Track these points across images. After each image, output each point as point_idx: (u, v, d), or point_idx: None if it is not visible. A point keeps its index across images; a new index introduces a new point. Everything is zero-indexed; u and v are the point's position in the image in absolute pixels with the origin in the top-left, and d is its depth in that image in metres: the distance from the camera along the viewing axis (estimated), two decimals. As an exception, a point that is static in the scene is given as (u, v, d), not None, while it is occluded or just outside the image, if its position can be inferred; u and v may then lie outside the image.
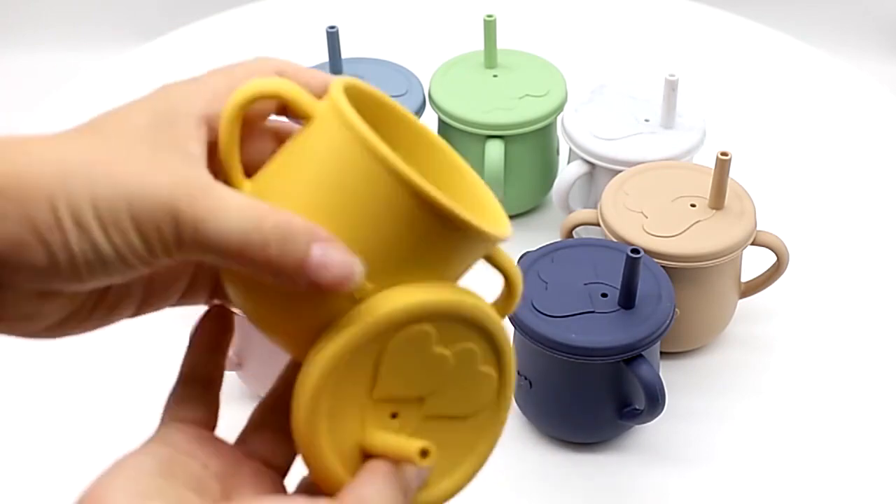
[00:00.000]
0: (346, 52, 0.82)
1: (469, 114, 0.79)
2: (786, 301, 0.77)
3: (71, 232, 0.32)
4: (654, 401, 0.61)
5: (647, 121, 0.79)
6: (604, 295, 0.63)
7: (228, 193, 0.34)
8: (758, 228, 0.70)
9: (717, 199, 0.69)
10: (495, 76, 0.83)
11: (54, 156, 0.32)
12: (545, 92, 0.81)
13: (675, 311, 0.63)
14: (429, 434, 0.38)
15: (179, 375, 0.40)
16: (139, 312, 0.40)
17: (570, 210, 0.79)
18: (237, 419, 0.69)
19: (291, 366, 0.41)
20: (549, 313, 0.62)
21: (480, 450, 0.39)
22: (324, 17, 1.06)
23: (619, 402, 0.64)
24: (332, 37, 0.80)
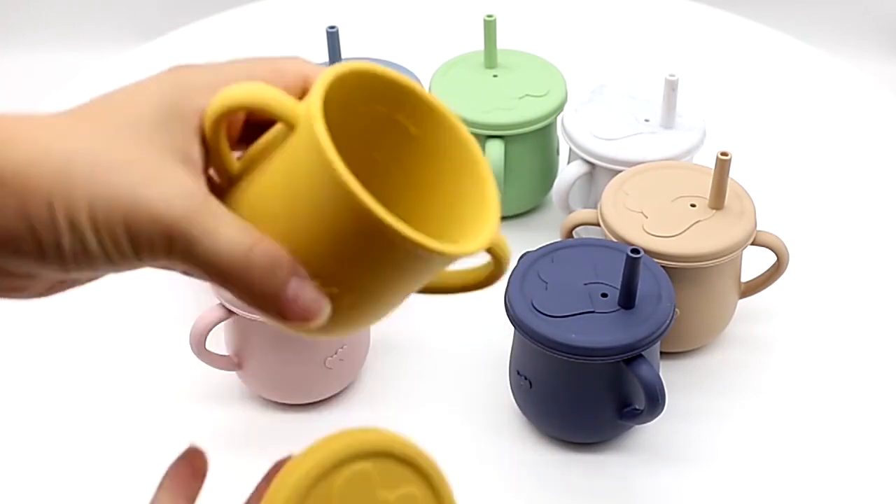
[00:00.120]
0: (346, 52, 0.82)
1: (469, 114, 0.79)
2: (786, 301, 0.77)
3: (64, 233, 0.33)
4: (654, 401, 0.61)
5: (647, 121, 0.79)
6: (604, 295, 0.63)
7: (222, 214, 0.35)
8: (758, 228, 0.70)
9: (717, 199, 0.69)
10: (495, 76, 0.83)
11: (60, 152, 0.33)
12: (545, 92, 0.81)
13: (675, 311, 0.63)
14: None
15: None
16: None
17: (570, 210, 0.79)
18: (237, 419, 0.70)
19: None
20: (549, 313, 0.62)
21: None
22: (324, 17, 1.06)
23: (619, 402, 0.64)
24: (332, 37, 0.80)
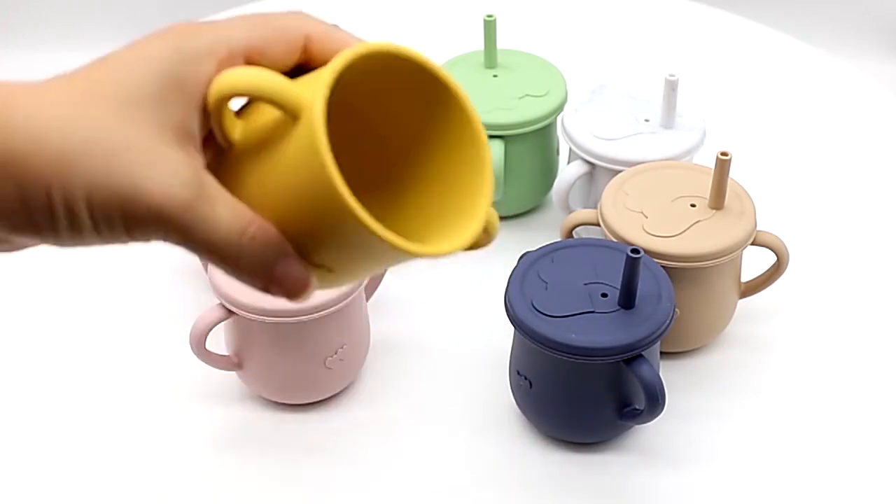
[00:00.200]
0: (345, 52, 0.82)
1: (469, 114, 0.79)
2: (786, 301, 0.77)
3: (61, 218, 0.34)
4: (654, 401, 0.61)
5: (647, 121, 0.79)
6: (604, 295, 0.63)
7: (217, 197, 0.35)
8: (758, 228, 0.70)
9: (717, 199, 0.69)
10: (495, 76, 0.83)
11: (58, 139, 0.33)
12: (545, 92, 0.81)
13: (675, 311, 0.63)
14: None
15: None
16: None
17: (570, 210, 0.79)
18: (237, 419, 0.70)
19: None
20: (549, 313, 0.62)
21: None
22: (323, 17, 1.06)
23: (619, 402, 0.64)
24: (332, 37, 0.80)
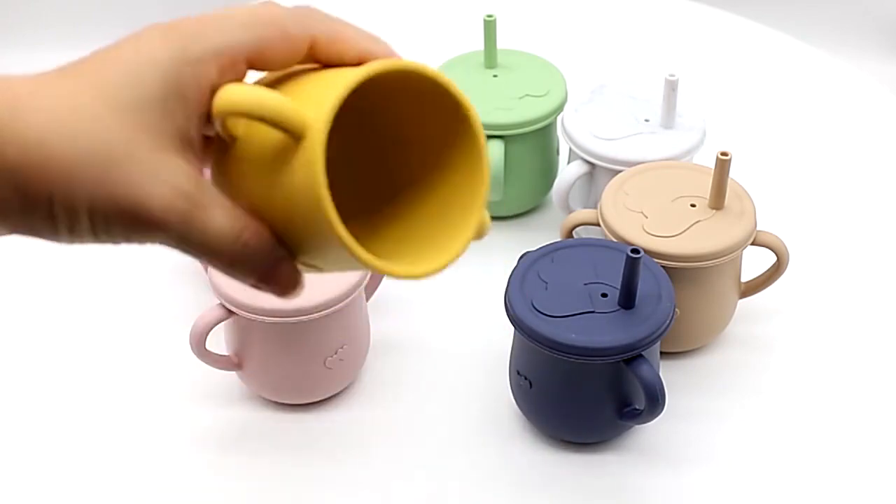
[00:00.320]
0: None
1: (469, 114, 0.79)
2: (786, 301, 0.77)
3: (61, 223, 0.35)
4: (654, 401, 0.61)
5: (647, 121, 0.79)
6: (604, 295, 0.63)
7: (215, 205, 0.37)
8: (758, 228, 0.70)
9: (717, 199, 0.69)
10: (495, 76, 0.83)
11: (63, 147, 0.34)
12: (545, 92, 0.81)
13: (675, 311, 0.63)
14: None
15: None
16: None
17: (570, 210, 0.79)
18: (237, 419, 0.70)
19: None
20: (549, 313, 0.62)
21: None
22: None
23: (619, 402, 0.64)
24: (332, 37, 0.80)
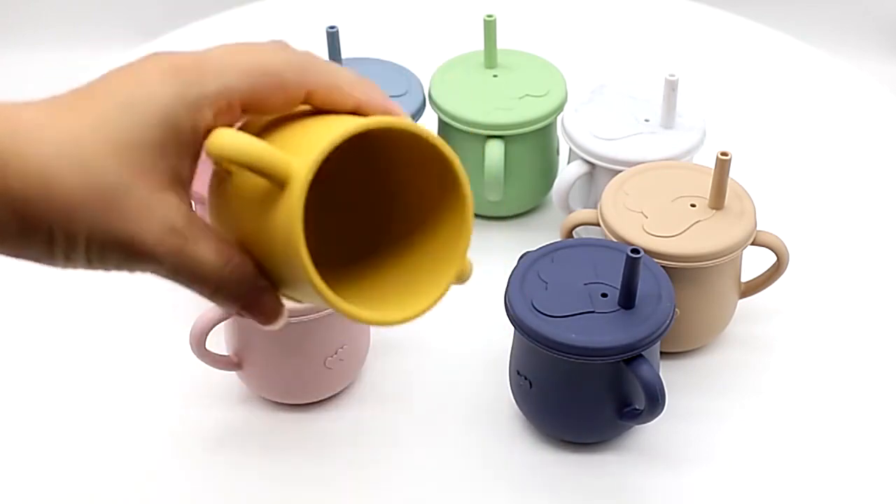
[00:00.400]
0: (346, 52, 0.82)
1: (469, 114, 0.79)
2: (786, 301, 0.77)
3: (59, 252, 0.37)
4: (654, 401, 0.61)
5: (647, 121, 0.79)
6: (604, 295, 0.63)
7: (203, 238, 0.39)
8: (758, 228, 0.70)
9: (717, 199, 0.69)
10: (495, 76, 0.83)
11: (66, 183, 0.36)
12: (545, 92, 0.81)
13: (675, 311, 0.63)
14: None
15: None
16: None
17: (570, 210, 0.79)
18: (237, 419, 0.70)
19: None
20: (549, 313, 0.62)
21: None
22: (324, 17, 1.06)
23: (619, 402, 0.64)
24: (332, 37, 0.80)
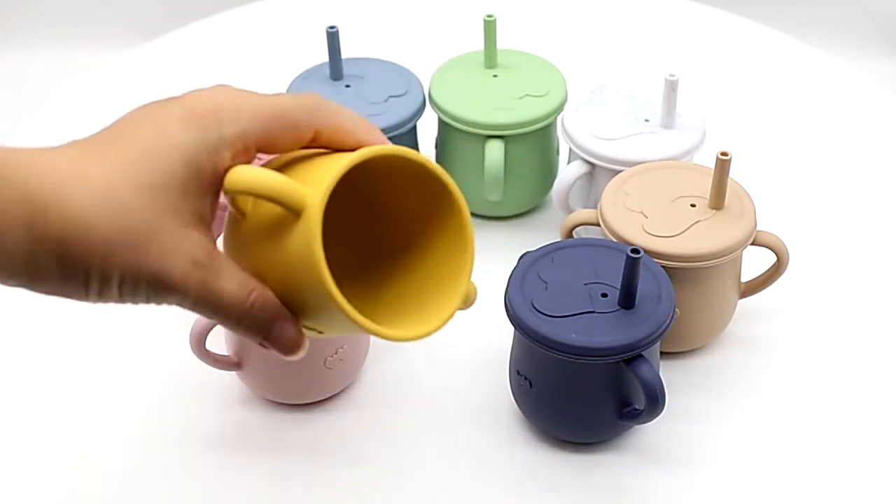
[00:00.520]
0: (346, 52, 0.82)
1: (469, 114, 0.79)
2: (786, 301, 0.77)
3: (93, 291, 0.40)
4: (654, 401, 0.61)
5: (647, 121, 0.79)
6: (604, 295, 0.63)
7: (226, 271, 0.42)
8: (758, 228, 0.70)
9: (717, 199, 0.69)
10: (495, 76, 0.83)
11: (102, 227, 0.39)
12: (545, 92, 0.81)
13: (675, 311, 0.63)
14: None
15: None
16: None
17: (570, 210, 0.79)
18: (237, 419, 0.70)
19: None
20: (549, 313, 0.62)
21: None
22: (324, 17, 1.06)
23: (619, 402, 0.64)
24: (332, 37, 0.80)
